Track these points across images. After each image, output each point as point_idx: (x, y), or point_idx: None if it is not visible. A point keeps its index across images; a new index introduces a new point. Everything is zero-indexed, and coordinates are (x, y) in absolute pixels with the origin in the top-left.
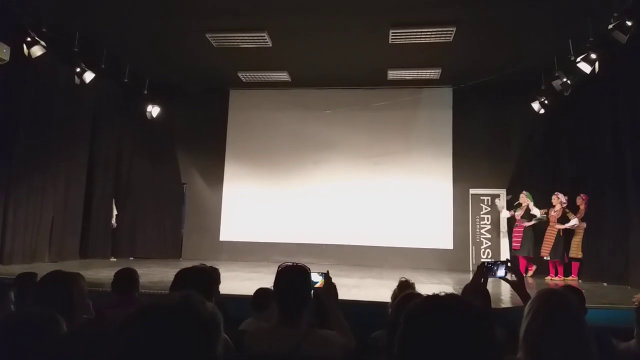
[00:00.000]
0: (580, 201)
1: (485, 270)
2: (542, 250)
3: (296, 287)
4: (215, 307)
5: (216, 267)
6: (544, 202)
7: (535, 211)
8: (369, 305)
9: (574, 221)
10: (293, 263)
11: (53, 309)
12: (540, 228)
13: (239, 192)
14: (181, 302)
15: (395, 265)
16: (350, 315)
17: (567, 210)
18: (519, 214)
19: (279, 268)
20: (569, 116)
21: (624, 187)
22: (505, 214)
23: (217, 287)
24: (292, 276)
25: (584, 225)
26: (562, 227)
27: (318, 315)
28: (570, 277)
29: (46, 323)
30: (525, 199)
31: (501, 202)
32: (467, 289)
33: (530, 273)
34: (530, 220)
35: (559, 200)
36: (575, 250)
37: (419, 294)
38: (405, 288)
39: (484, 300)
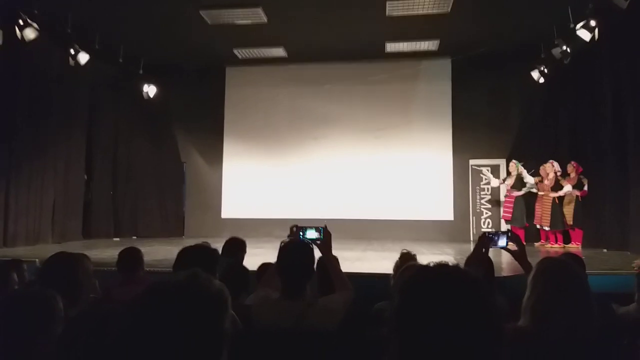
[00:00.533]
0: (571, 169)
1: (486, 240)
2: (541, 220)
3: (299, 262)
4: (222, 284)
5: (242, 239)
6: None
7: (529, 179)
8: (371, 278)
9: (567, 187)
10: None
11: (59, 290)
12: (532, 198)
13: (239, 169)
14: (189, 279)
15: (396, 237)
16: (354, 287)
17: (559, 178)
18: (508, 183)
19: (281, 244)
20: (569, 85)
21: (624, 154)
22: (494, 183)
23: (243, 257)
24: (295, 251)
25: (577, 192)
26: (556, 194)
27: (321, 281)
28: (572, 245)
29: (43, 303)
30: (514, 167)
31: (489, 171)
32: (470, 259)
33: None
34: (520, 190)
35: (553, 168)
36: (568, 218)
37: (421, 265)
38: (407, 259)
39: (487, 270)
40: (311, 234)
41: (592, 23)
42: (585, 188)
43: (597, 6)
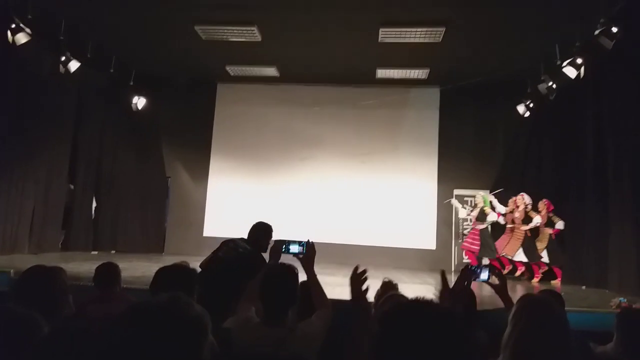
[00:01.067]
0: (542, 206)
1: (469, 274)
2: (506, 249)
3: (283, 289)
4: (203, 309)
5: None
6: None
7: (500, 209)
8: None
9: (536, 219)
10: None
11: (34, 305)
12: (499, 230)
13: (224, 186)
14: (170, 304)
15: (378, 264)
16: (335, 315)
17: (528, 210)
18: (473, 215)
19: (266, 267)
20: (554, 119)
21: (606, 192)
22: (462, 214)
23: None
24: (279, 277)
25: (550, 230)
26: (527, 227)
27: (302, 302)
28: (556, 281)
29: (25, 324)
30: (481, 200)
31: (457, 202)
32: (452, 291)
33: (517, 273)
34: (483, 222)
35: (523, 200)
36: (542, 255)
37: (402, 295)
38: (388, 289)
39: (469, 303)
40: (294, 248)
41: (579, 61)
42: (558, 226)
43: (583, 45)
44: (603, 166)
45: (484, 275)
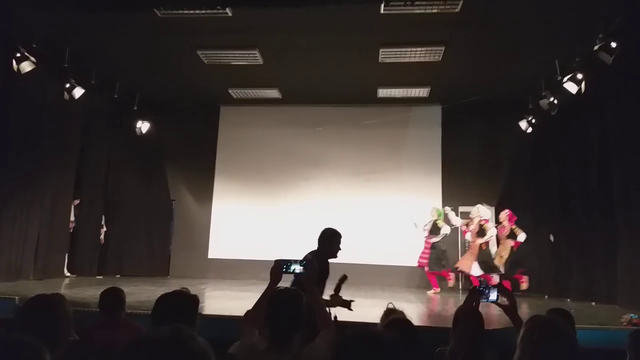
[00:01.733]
0: (504, 217)
1: (477, 294)
2: (460, 263)
3: (289, 314)
4: (205, 342)
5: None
6: (531, 222)
7: (456, 222)
8: (358, 327)
9: (490, 232)
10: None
11: (38, 334)
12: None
13: (229, 208)
14: (173, 338)
15: (385, 283)
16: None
17: (482, 223)
18: (427, 228)
19: (273, 292)
20: (557, 135)
21: (612, 206)
22: (419, 230)
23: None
24: (285, 302)
25: (511, 242)
26: (482, 240)
27: (307, 325)
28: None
29: (29, 352)
30: (435, 214)
31: (415, 218)
32: (460, 312)
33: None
34: (437, 235)
35: (478, 213)
36: (501, 267)
37: (405, 320)
38: (391, 314)
39: (477, 324)
40: (295, 268)
41: (579, 76)
42: (520, 239)
43: (583, 60)
44: (609, 180)
45: (493, 295)
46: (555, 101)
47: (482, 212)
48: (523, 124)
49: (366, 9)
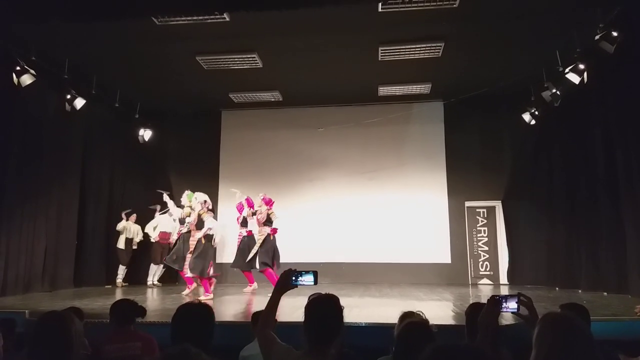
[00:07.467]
0: (259, 202)
1: (495, 304)
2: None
3: (327, 318)
4: None
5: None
6: (539, 215)
7: (175, 213)
8: (372, 328)
9: (208, 222)
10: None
11: (50, 352)
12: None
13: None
14: (180, 356)
15: (394, 281)
16: (354, 337)
17: (202, 212)
18: (189, 221)
19: (309, 298)
20: (561, 126)
21: (618, 195)
22: (175, 216)
23: None
24: (323, 306)
25: (267, 230)
26: (200, 234)
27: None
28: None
29: None
30: (186, 199)
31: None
32: (479, 323)
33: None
34: (201, 229)
35: (196, 200)
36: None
37: (421, 323)
38: (407, 317)
39: (494, 335)
40: (307, 280)
41: (581, 66)
42: (274, 225)
43: (585, 50)
44: (614, 170)
45: (512, 305)
46: (558, 92)
47: (201, 197)
48: (526, 117)
49: (364, 8)
